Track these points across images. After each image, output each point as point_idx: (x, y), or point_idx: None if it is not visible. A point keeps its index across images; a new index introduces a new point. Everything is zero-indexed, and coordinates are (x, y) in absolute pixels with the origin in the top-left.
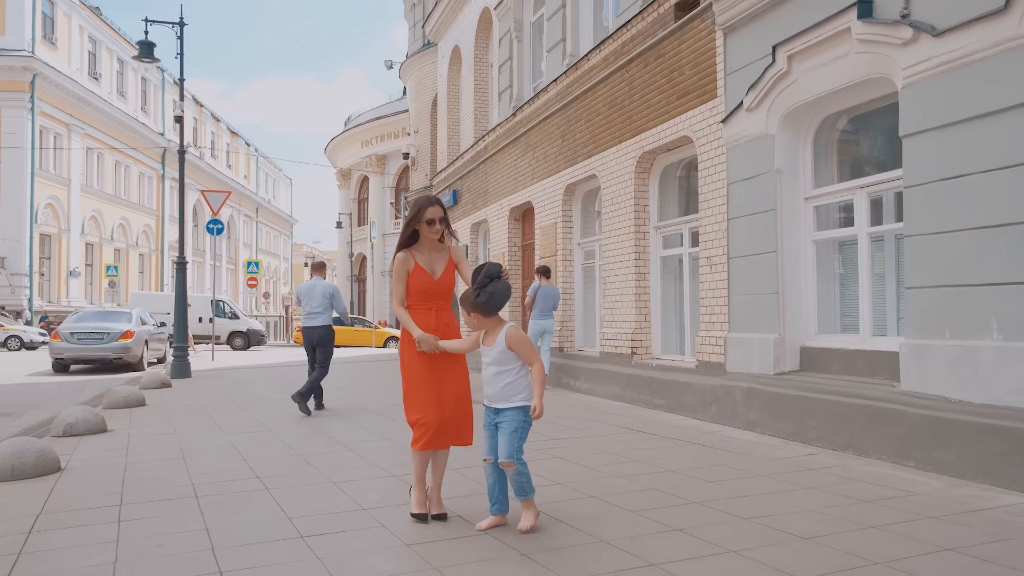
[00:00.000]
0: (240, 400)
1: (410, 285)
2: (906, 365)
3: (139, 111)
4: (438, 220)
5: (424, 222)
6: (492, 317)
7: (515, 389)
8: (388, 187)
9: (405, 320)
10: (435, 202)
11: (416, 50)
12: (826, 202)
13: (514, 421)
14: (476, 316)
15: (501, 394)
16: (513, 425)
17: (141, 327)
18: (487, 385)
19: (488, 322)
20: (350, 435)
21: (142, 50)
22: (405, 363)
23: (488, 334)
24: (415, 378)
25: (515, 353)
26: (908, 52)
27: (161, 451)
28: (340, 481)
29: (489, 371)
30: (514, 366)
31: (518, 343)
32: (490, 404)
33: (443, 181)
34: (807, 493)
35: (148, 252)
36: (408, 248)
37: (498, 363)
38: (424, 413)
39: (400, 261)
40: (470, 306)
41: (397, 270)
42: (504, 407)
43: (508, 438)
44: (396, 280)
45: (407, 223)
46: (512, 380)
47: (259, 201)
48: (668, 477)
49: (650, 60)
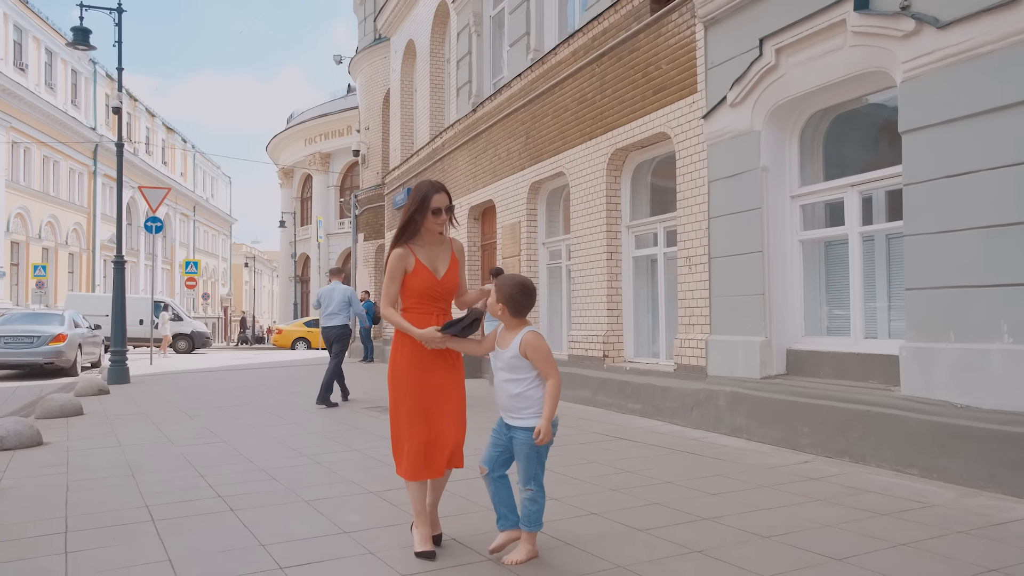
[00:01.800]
0: (187, 408)
1: (409, 285)
2: (907, 369)
3: (69, 104)
4: (444, 209)
5: (430, 212)
6: (518, 317)
7: (525, 402)
8: (333, 186)
9: (397, 322)
10: (441, 188)
11: (367, 45)
12: (813, 201)
13: (525, 444)
14: (504, 310)
15: (510, 405)
16: (524, 450)
17: (74, 330)
18: (498, 392)
19: (511, 321)
20: (313, 446)
21: (76, 36)
22: (396, 375)
23: (505, 333)
24: (406, 394)
25: (530, 362)
26: (909, 45)
27: (106, 466)
28: (312, 499)
29: (500, 377)
30: (526, 376)
31: (534, 351)
32: (501, 412)
33: (396, 179)
34: (818, 506)
35: (79, 251)
36: (407, 242)
37: (509, 369)
38: (414, 436)
39: (398, 258)
40: (504, 296)
41: (393, 268)
42: (515, 424)
43: (524, 463)
44: (389, 279)
45: (407, 212)
46: (522, 391)
47: (196, 199)
48: (667, 490)
49: (623, 54)
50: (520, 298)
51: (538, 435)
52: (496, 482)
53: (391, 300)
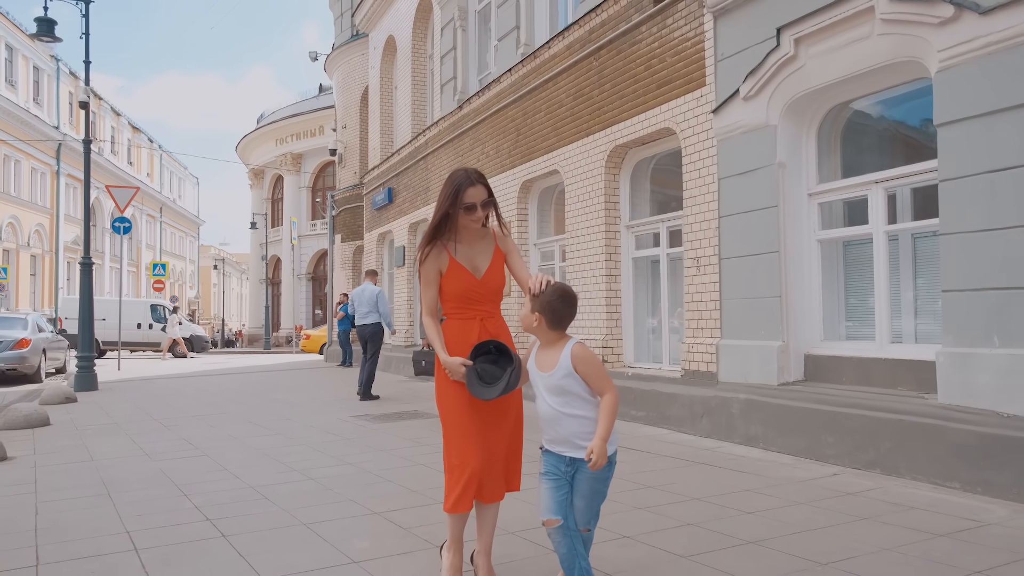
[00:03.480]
0: (162, 417)
1: (445, 288)
2: (945, 376)
3: (31, 102)
4: (480, 205)
5: (462, 208)
6: (558, 330)
7: (590, 427)
8: (305, 187)
9: (432, 337)
10: (477, 179)
11: (344, 41)
12: (832, 198)
13: (595, 478)
14: (541, 321)
15: (569, 433)
16: (593, 485)
17: (38, 334)
18: (548, 424)
19: (550, 334)
20: (303, 459)
21: (41, 28)
22: (443, 391)
23: (545, 352)
24: (456, 412)
25: (583, 379)
26: (946, 32)
27: (79, 485)
28: (312, 522)
29: (547, 404)
30: (582, 396)
31: (587, 364)
32: (553, 448)
33: (376, 179)
34: (866, 526)
35: (41, 253)
36: (440, 239)
37: (559, 392)
38: (467, 462)
39: (430, 260)
40: (543, 304)
41: (426, 271)
42: (582, 456)
43: (589, 501)
44: (425, 284)
45: (440, 206)
46: (584, 415)
47: (163, 200)
48: (696, 508)
49: (624, 47)
50: (561, 308)
51: (590, 455)
52: (573, 533)
53: (430, 307)
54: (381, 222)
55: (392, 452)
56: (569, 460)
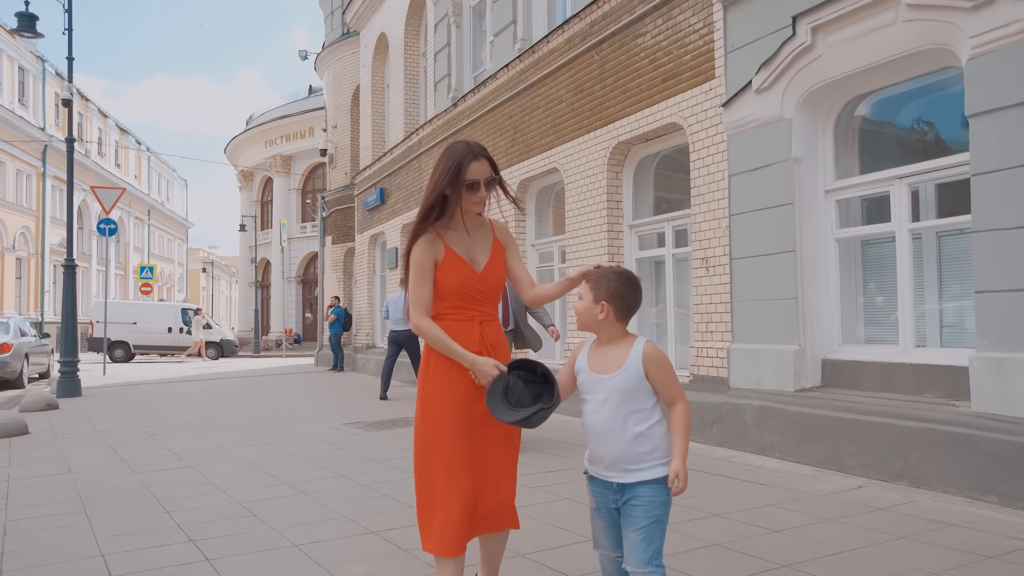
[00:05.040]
0: (146, 425)
1: (440, 283)
2: (979, 382)
3: (16, 103)
4: (484, 183)
5: (464, 186)
6: (623, 321)
7: (649, 444)
8: (295, 189)
9: (436, 338)
10: (480, 153)
11: (334, 40)
12: (851, 195)
13: (652, 507)
14: (607, 310)
15: (626, 453)
16: (651, 513)
17: (20, 339)
18: (600, 439)
19: (615, 328)
20: (294, 471)
21: (22, 23)
22: (429, 408)
23: (603, 351)
24: (443, 433)
25: (652, 384)
26: (979, 18)
27: (54, 501)
28: (304, 543)
29: (603, 414)
30: (648, 406)
31: (660, 367)
32: (599, 472)
33: (368, 179)
34: (905, 546)
35: (27, 256)
36: (433, 225)
37: (625, 401)
38: (453, 493)
39: (424, 247)
40: (608, 290)
41: (420, 261)
42: (634, 479)
43: (644, 536)
44: (418, 277)
45: (434, 186)
46: (646, 430)
47: (151, 203)
48: (719, 526)
49: (627, 40)
50: (630, 293)
51: (675, 481)
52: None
53: (425, 306)
54: (373, 223)
55: (388, 463)
56: (618, 487)
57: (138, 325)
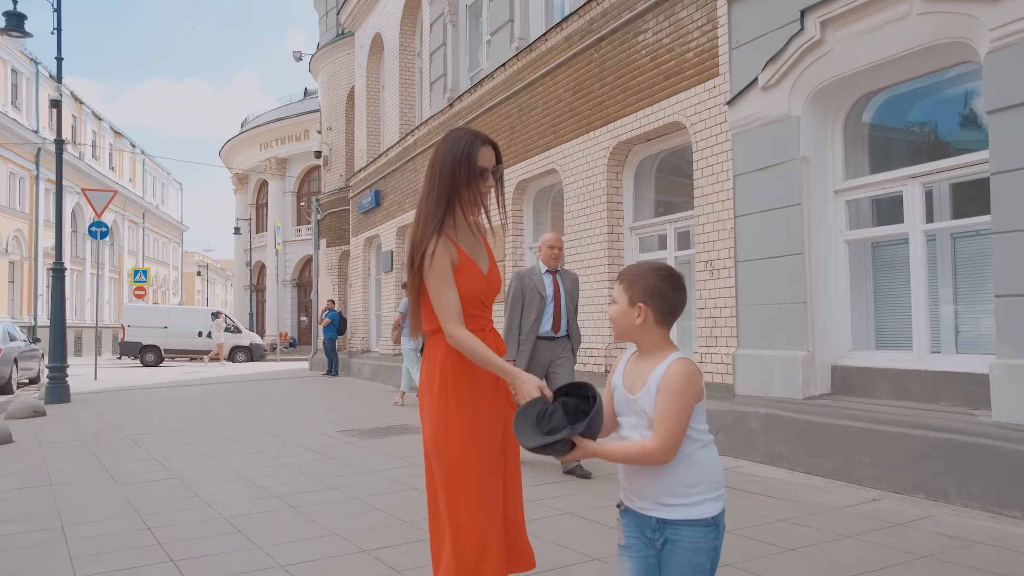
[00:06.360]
0: (133, 433)
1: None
2: (1000, 390)
3: (9, 106)
4: (492, 172)
5: (477, 175)
6: (664, 327)
7: (692, 475)
8: (289, 192)
9: (475, 350)
10: (486, 139)
11: (329, 40)
12: (861, 195)
13: (697, 554)
14: (645, 313)
15: (665, 484)
16: (695, 562)
17: (9, 343)
18: (633, 467)
19: (656, 334)
20: (283, 482)
21: (9, 22)
22: (454, 431)
23: (637, 364)
24: (474, 460)
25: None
26: (999, 9)
27: (31, 516)
28: (291, 563)
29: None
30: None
31: (665, 396)
32: (633, 504)
33: (363, 181)
34: (930, 567)
35: (20, 260)
36: (443, 228)
37: (646, 424)
38: (490, 527)
39: (442, 249)
40: (647, 289)
41: (440, 265)
42: (676, 516)
43: None
44: (443, 283)
45: (443, 178)
46: (686, 455)
47: (146, 206)
48: (730, 543)
49: (627, 37)
50: (672, 293)
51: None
52: None
53: (458, 314)
54: (368, 226)
55: (380, 474)
56: (657, 523)
57: (169, 329)
